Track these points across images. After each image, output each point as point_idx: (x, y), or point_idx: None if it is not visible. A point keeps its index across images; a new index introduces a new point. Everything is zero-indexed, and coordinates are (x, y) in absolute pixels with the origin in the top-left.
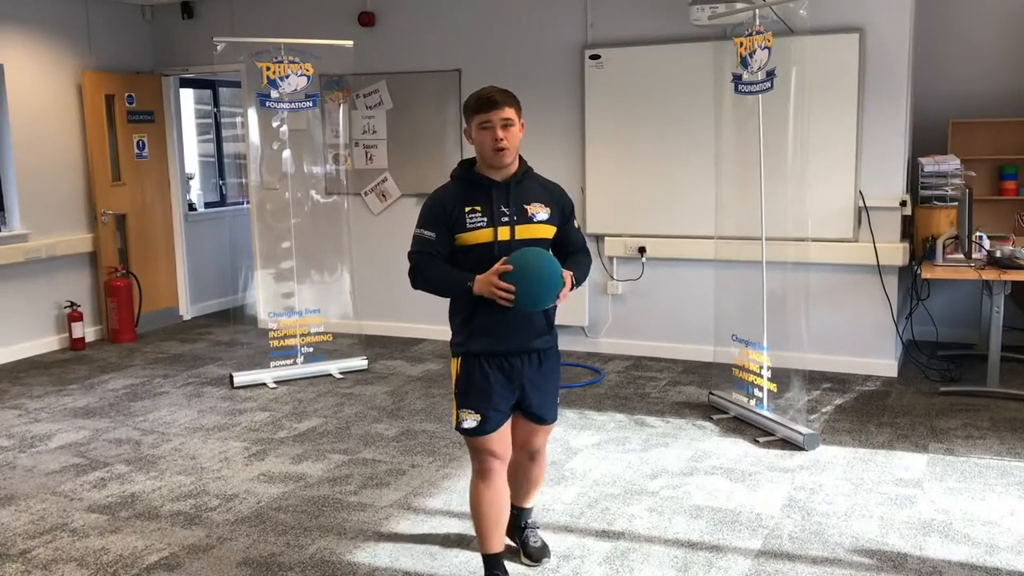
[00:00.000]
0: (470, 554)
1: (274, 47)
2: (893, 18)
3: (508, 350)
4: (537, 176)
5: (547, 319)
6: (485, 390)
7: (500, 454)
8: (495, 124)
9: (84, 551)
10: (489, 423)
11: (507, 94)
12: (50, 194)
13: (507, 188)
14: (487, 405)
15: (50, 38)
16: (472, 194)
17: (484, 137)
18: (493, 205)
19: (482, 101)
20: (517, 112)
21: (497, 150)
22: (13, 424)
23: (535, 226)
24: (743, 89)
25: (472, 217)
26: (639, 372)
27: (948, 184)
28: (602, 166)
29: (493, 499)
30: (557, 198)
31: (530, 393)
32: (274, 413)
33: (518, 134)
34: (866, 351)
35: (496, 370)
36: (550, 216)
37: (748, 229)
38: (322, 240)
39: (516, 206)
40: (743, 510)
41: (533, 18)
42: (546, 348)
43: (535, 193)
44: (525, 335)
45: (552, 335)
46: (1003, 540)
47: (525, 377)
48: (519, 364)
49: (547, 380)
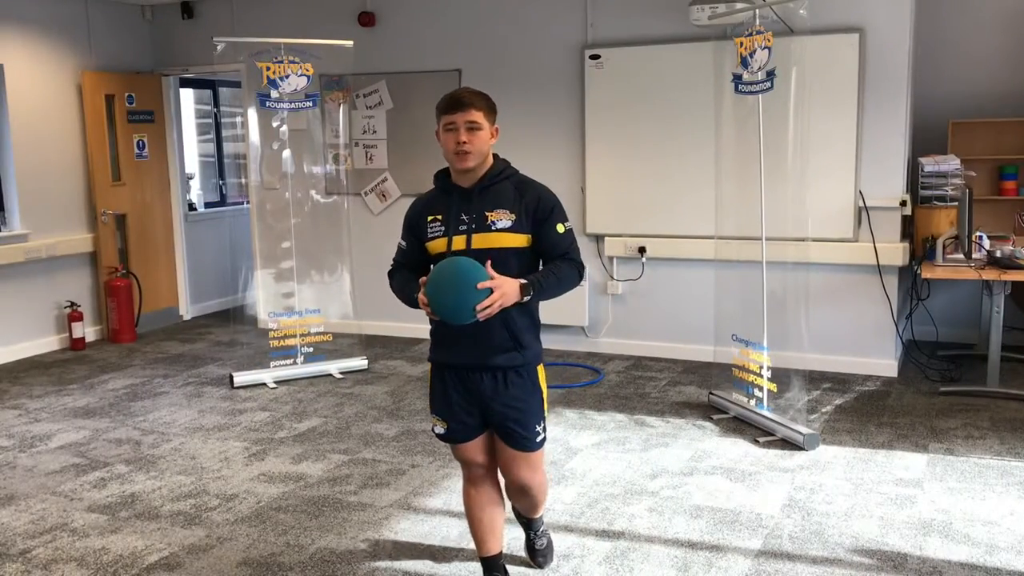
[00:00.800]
0: (470, 554)
1: (274, 47)
2: (893, 18)
3: (464, 363)
4: (517, 178)
5: (512, 335)
6: (445, 400)
7: (477, 462)
8: (459, 126)
9: (84, 551)
10: (455, 432)
11: (479, 96)
12: (50, 194)
13: (469, 195)
14: (449, 414)
15: (50, 38)
16: (437, 202)
17: (448, 139)
18: (451, 213)
19: (449, 101)
20: (487, 116)
21: (458, 153)
22: (13, 424)
23: (495, 235)
24: (743, 89)
25: (432, 226)
26: (639, 372)
27: (948, 184)
28: (602, 166)
29: (483, 502)
30: (528, 202)
31: (495, 413)
32: (274, 413)
33: (486, 139)
34: (866, 351)
35: (456, 382)
36: (514, 223)
37: (748, 229)
38: (322, 240)
39: (477, 213)
40: (743, 510)
41: (533, 18)
42: (512, 367)
43: (502, 199)
44: (481, 350)
45: (523, 354)
46: (1003, 540)
47: (486, 395)
48: (478, 380)
49: (515, 402)
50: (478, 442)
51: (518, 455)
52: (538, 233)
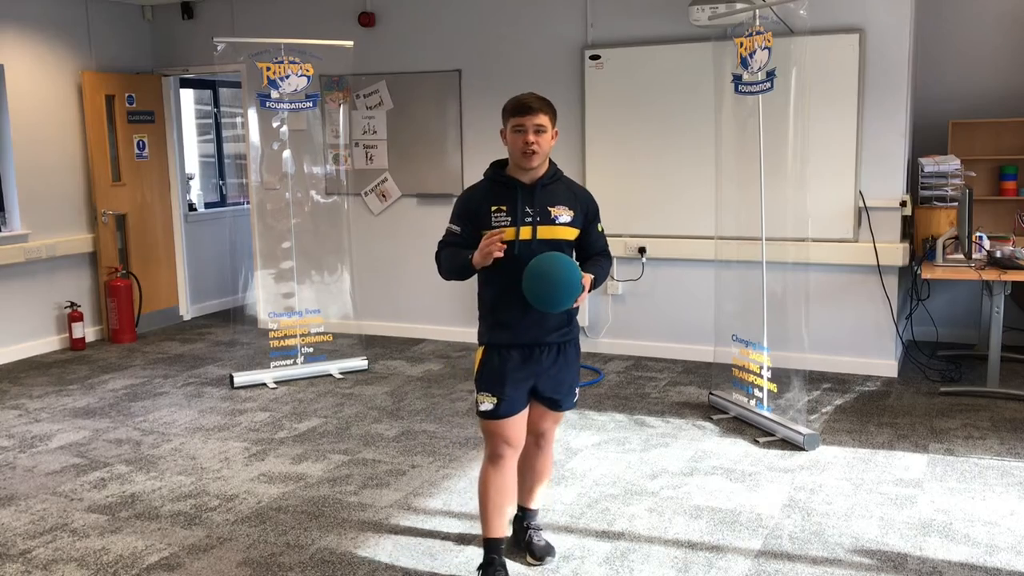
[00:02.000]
0: (470, 554)
1: (274, 47)
2: (893, 18)
3: (526, 342)
4: (566, 179)
5: (567, 313)
6: (501, 375)
7: (512, 440)
8: (528, 128)
9: (84, 551)
10: (503, 406)
11: (544, 102)
12: (50, 194)
13: (533, 190)
14: (501, 388)
15: (50, 38)
16: (500, 194)
17: (516, 139)
18: (518, 205)
19: (518, 105)
20: (551, 120)
21: (526, 153)
22: (13, 424)
23: (557, 228)
24: (743, 89)
25: (497, 216)
26: (639, 372)
27: (948, 184)
28: (602, 166)
29: (501, 485)
30: (583, 201)
31: (546, 381)
32: (274, 413)
33: (550, 141)
34: (866, 351)
35: (515, 359)
36: (573, 219)
37: (748, 229)
38: (322, 240)
39: (540, 207)
40: (743, 510)
41: (533, 18)
42: (565, 341)
43: (560, 196)
44: (543, 329)
45: (572, 328)
46: (1003, 540)
47: (542, 367)
48: (537, 354)
49: (564, 370)
50: (518, 419)
51: (555, 414)
52: (586, 229)
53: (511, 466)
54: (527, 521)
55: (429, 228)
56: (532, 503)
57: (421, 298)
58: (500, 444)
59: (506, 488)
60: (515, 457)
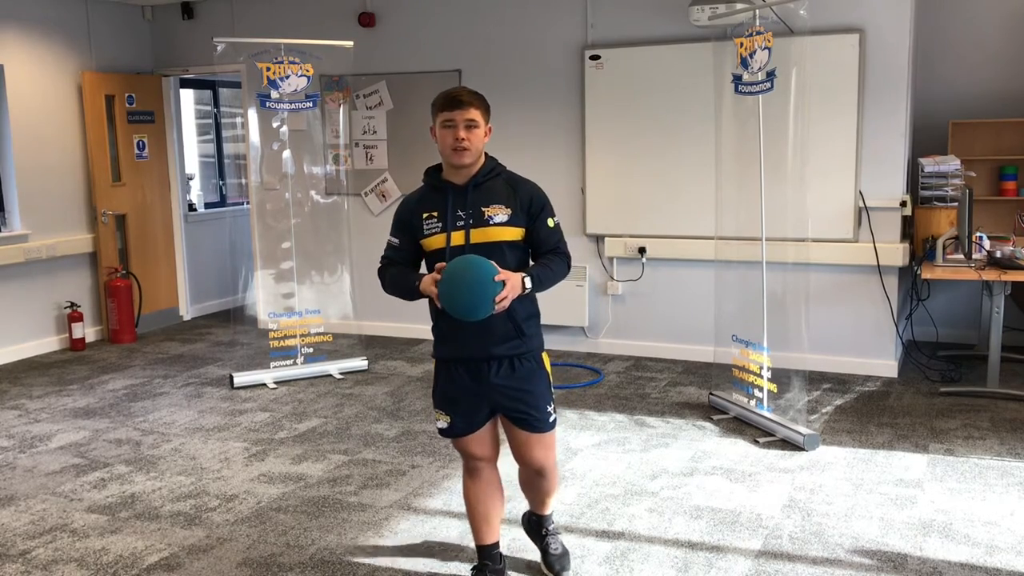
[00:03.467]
0: (470, 554)
1: (274, 47)
2: (893, 18)
3: (471, 356)
4: (507, 174)
5: (515, 325)
6: (449, 394)
7: (478, 455)
8: (458, 123)
9: (84, 551)
10: (456, 426)
11: (475, 95)
12: (50, 194)
13: (465, 191)
14: (452, 408)
15: (50, 38)
16: (431, 199)
17: (446, 136)
18: (448, 210)
19: (448, 99)
20: (484, 115)
21: (456, 150)
22: (13, 424)
23: (492, 229)
24: (743, 89)
25: (428, 223)
26: (639, 372)
27: (948, 184)
28: (602, 166)
29: (479, 495)
30: (522, 197)
31: (501, 398)
32: (274, 413)
33: (482, 137)
34: (866, 351)
35: (463, 375)
36: (511, 217)
37: (748, 229)
38: (322, 240)
39: (473, 209)
40: (743, 510)
41: (533, 18)
42: (517, 354)
43: (497, 194)
44: (486, 342)
45: (526, 341)
46: (1003, 540)
47: (493, 383)
48: (485, 370)
49: (524, 384)
50: (479, 435)
51: (532, 437)
52: (532, 227)
53: (488, 475)
54: (543, 526)
55: None
56: (545, 509)
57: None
58: (467, 459)
59: (486, 496)
60: (491, 468)
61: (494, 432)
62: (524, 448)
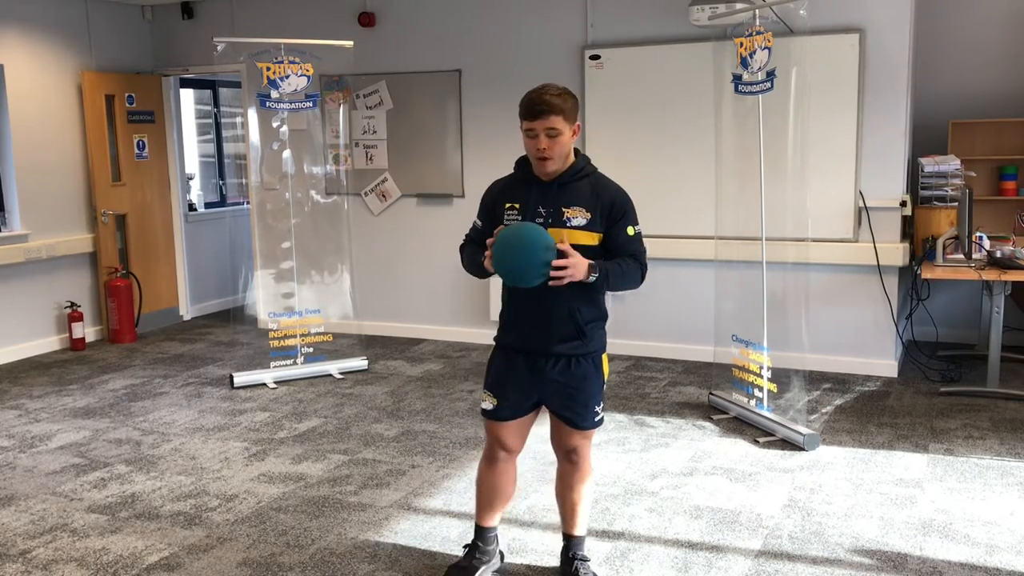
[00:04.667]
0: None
1: (274, 47)
2: (893, 18)
3: (531, 349)
4: (596, 177)
5: (577, 326)
6: (502, 379)
7: (508, 446)
8: (539, 133)
9: (84, 551)
10: (501, 410)
11: (559, 100)
12: (50, 194)
13: (549, 188)
14: (501, 393)
15: (50, 38)
16: (515, 190)
17: (529, 144)
18: (530, 204)
19: (529, 108)
20: (568, 119)
21: (539, 159)
22: (13, 424)
23: (569, 231)
24: (743, 89)
25: (509, 214)
26: (639, 372)
27: (948, 184)
28: (602, 166)
29: (492, 483)
30: (605, 202)
31: (553, 395)
32: (274, 413)
33: (566, 142)
34: (866, 351)
35: (520, 365)
36: (589, 221)
37: (748, 229)
38: (322, 240)
39: (554, 208)
40: (743, 510)
41: (533, 18)
42: (576, 355)
43: (579, 197)
44: (548, 338)
45: (586, 343)
46: (1003, 540)
47: (548, 378)
48: (542, 364)
49: (575, 386)
50: (517, 425)
51: (575, 431)
52: (609, 233)
53: (505, 468)
54: (572, 551)
55: (429, 228)
56: (576, 529)
57: (421, 298)
58: (495, 447)
59: (497, 487)
60: (511, 460)
61: (529, 427)
62: (567, 437)
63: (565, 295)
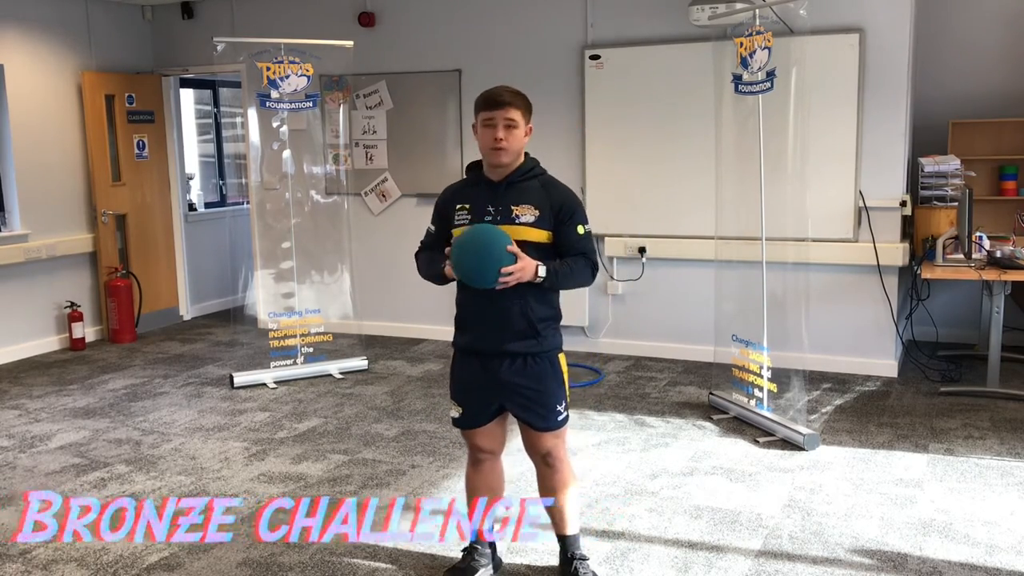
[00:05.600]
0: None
1: (274, 47)
2: (893, 18)
3: (484, 349)
4: (544, 177)
5: (530, 323)
6: (462, 385)
7: (485, 448)
8: (498, 123)
9: (84, 551)
10: (467, 418)
11: (516, 95)
12: (50, 194)
13: (497, 188)
14: (464, 400)
15: (50, 38)
16: (466, 192)
17: (486, 135)
18: (479, 203)
19: (489, 99)
20: (524, 115)
21: (494, 149)
22: (13, 424)
23: (518, 228)
24: (743, 89)
25: (460, 215)
26: (639, 372)
27: (948, 184)
28: (602, 166)
29: (478, 484)
30: (554, 201)
31: (512, 398)
32: (274, 413)
33: (521, 137)
34: (866, 351)
35: (475, 366)
36: (538, 219)
37: (748, 229)
38: (322, 240)
39: (503, 205)
40: (743, 510)
41: (533, 18)
42: (531, 353)
43: (529, 195)
44: (502, 336)
45: (540, 340)
46: (1003, 540)
47: (504, 380)
48: (497, 365)
49: (534, 383)
50: (487, 430)
51: (543, 433)
52: (559, 232)
53: (491, 468)
54: (569, 551)
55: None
56: (567, 528)
57: (421, 298)
58: (474, 451)
59: (487, 487)
60: (494, 460)
61: (502, 428)
62: (534, 441)
63: (518, 292)
